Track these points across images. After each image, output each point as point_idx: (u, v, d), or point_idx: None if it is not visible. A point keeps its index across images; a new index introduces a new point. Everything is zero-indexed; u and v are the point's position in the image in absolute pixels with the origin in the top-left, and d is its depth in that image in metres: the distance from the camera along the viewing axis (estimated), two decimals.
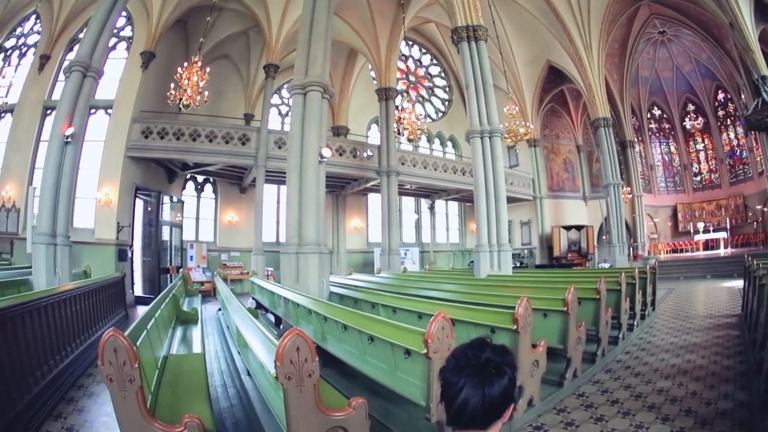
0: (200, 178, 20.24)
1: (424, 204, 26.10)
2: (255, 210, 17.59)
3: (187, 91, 11.79)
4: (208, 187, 20.69)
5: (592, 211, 25.57)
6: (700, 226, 28.14)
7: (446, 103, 27.06)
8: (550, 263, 23.51)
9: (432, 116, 26.48)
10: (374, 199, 23.41)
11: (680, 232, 29.81)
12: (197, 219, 20.21)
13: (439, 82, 27.05)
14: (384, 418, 4.34)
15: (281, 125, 22.12)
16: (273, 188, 21.15)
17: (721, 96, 29.09)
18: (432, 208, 25.91)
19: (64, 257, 10.01)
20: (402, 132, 15.92)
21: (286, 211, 10.55)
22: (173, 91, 11.86)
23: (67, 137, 10.19)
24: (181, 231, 18.30)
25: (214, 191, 20.74)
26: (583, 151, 26.33)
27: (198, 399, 3.64)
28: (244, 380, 5.24)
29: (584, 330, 5.90)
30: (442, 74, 26.92)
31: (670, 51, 27.70)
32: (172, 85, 11.93)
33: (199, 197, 20.43)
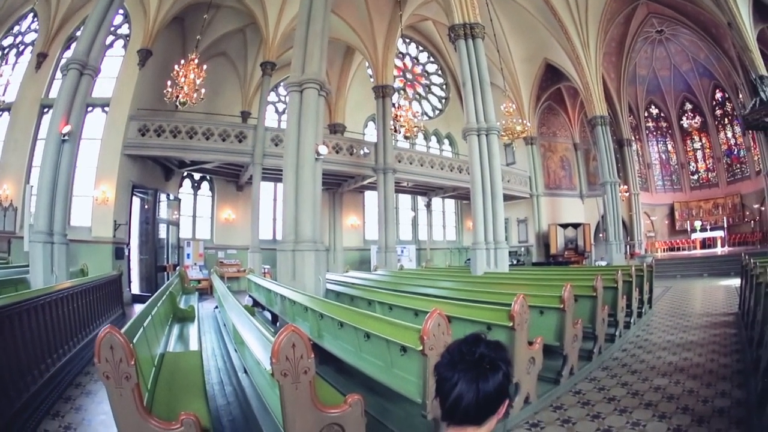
0: (197, 176, 20.21)
1: (420, 201, 26.05)
2: (252, 208, 17.62)
3: (183, 88, 11.77)
4: (205, 185, 20.65)
5: (589, 209, 25.59)
6: (697, 224, 28.23)
7: (443, 100, 27.02)
8: (546, 261, 23.52)
9: (429, 114, 26.44)
10: (371, 197, 23.42)
11: (677, 230, 29.88)
12: (194, 217, 20.18)
13: (436, 79, 27.00)
14: (380, 415, 4.34)
15: (278, 123, 22.08)
16: (270, 186, 21.14)
17: (718, 95, 29.14)
18: (429, 206, 25.88)
19: (61, 255, 10.02)
20: (399, 129, 15.90)
21: (283, 208, 10.56)
22: (170, 89, 11.83)
23: (64, 135, 10.19)
24: (177, 229, 18.29)
25: (211, 189, 20.71)
26: (580, 149, 26.34)
27: (195, 396, 3.64)
28: (240, 378, 5.23)
29: (581, 327, 5.91)
30: (439, 72, 26.87)
31: (667, 50, 27.72)
32: (168, 83, 11.91)
33: (195, 195, 20.40)
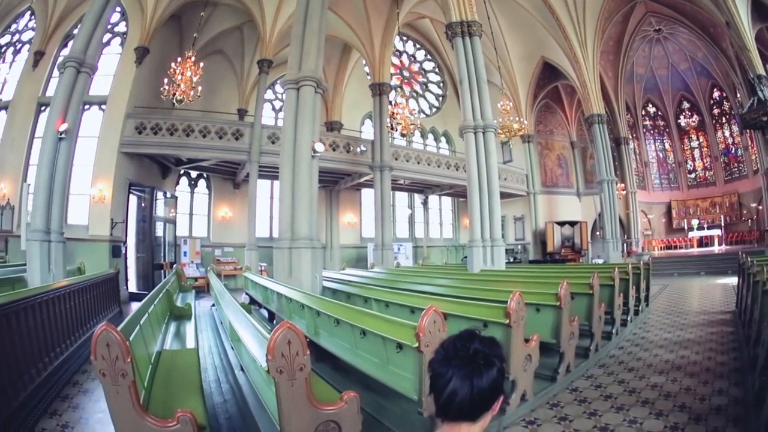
0: (194, 174, 20.17)
1: (417, 199, 26.08)
2: (248, 205, 17.60)
3: (180, 86, 11.80)
4: (202, 183, 20.60)
5: (585, 207, 25.64)
6: (695, 223, 28.30)
7: (440, 98, 27.02)
8: (543, 259, 23.59)
9: (426, 111, 26.44)
10: (368, 195, 23.34)
11: (674, 228, 29.88)
12: (191, 215, 20.13)
13: (433, 77, 26.98)
14: (376, 412, 4.35)
15: (275, 120, 22.02)
16: (266, 183, 21.10)
17: (716, 94, 29.13)
18: (425, 204, 25.92)
19: (58, 254, 10.02)
20: (395, 127, 15.91)
21: (279, 206, 10.55)
22: (167, 87, 11.85)
23: (60, 133, 10.18)
24: (174, 227, 18.27)
25: (208, 187, 20.66)
26: (577, 147, 26.37)
27: (191, 394, 3.64)
28: (237, 375, 5.23)
29: (577, 325, 5.90)
30: (436, 70, 26.86)
31: (665, 49, 27.70)
32: (165, 81, 11.91)
33: (192, 193, 20.36)
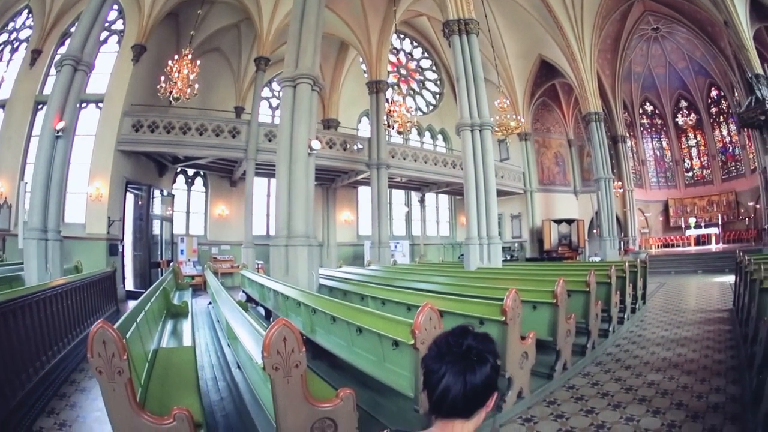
0: (190, 172, 20.12)
1: (414, 197, 26.10)
2: (245, 203, 17.54)
3: (177, 84, 11.76)
4: (199, 181, 20.57)
5: (582, 205, 25.68)
6: (692, 221, 28.36)
7: (437, 96, 27.01)
8: (540, 256, 23.65)
9: (423, 109, 26.43)
10: (364, 192, 23.38)
11: (671, 227, 29.95)
12: (188, 213, 20.10)
13: (430, 75, 26.96)
14: (373, 409, 4.35)
15: (272, 118, 21.99)
16: (263, 181, 21.06)
17: (714, 93, 29.18)
18: (422, 201, 25.93)
19: (55, 252, 10.00)
20: (392, 125, 15.90)
21: (276, 203, 10.58)
22: (163, 85, 11.81)
23: (57, 131, 10.17)
24: (171, 225, 18.23)
25: (205, 185, 20.63)
26: (575, 145, 26.41)
27: (188, 392, 3.65)
28: (234, 373, 5.24)
29: (574, 322, 5.88)
30: (434, 67, 26.83)
31: (663, 48, 27.74)
32: (162, 79, 11.88)
33: (189, 191, 20.31)
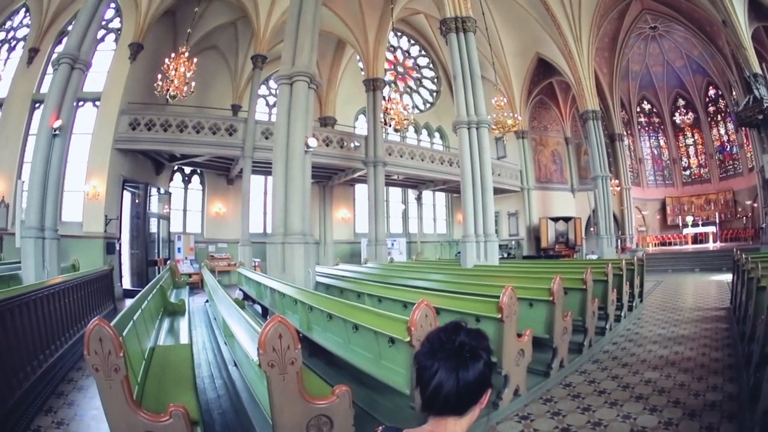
0: (187, 170, 20.08)
1: (411, 194, 26.08)
2: (242, 201, 17.55)
3: (174, 82, 11.74)
4: (196, 179, 20.53)
5: (580, 203, 25.69)
6: (689, 219, 28.40)
7: (434, 94, 27.00)
8: (537, 254, 23.67)
9: (420, 107, 26.43)
10: (361, 190, 23.38)
11: (669, 225, 30.02)
12: (185, 211, 20.07)
13: (428, 73, 26.94)
14: (369, 406, 4.36)
15: (269, 116, 21.96)
16: (260, 179, 21.08)
17: (711, 92, 29.20)
18: (419, 199, 25.92)
19: (52, 251, 10.01)
20: (389, 122, 15.89)
21: (272, 201, 10.57)
22: (160, 83, 11.80)
23: (55, 130, 10.17)
24: (168, 223, 18.23)
25: (202, 183, 20.59)
26: (572, 143, 26.42)
27: (184, 389, 3.64)
28: (231, 371, 5.24)
29: (570, 320, 5.89)
30: (431, 65, 26.80)
31: (661, 46, 27.73)
32: (159, 77, 11.86)
33: (186, 189, 20.28)
